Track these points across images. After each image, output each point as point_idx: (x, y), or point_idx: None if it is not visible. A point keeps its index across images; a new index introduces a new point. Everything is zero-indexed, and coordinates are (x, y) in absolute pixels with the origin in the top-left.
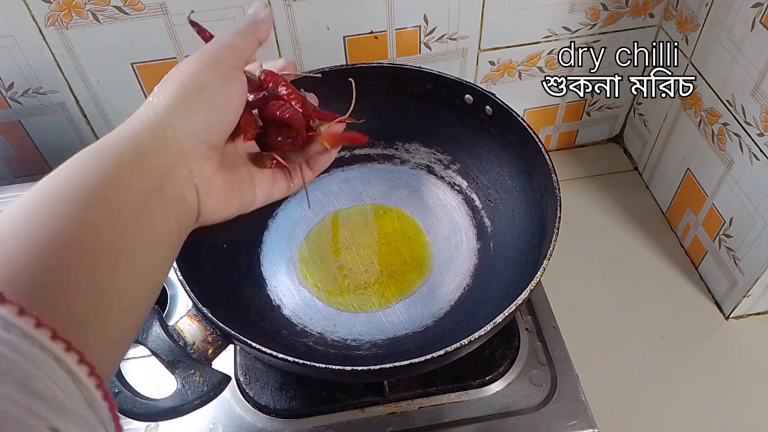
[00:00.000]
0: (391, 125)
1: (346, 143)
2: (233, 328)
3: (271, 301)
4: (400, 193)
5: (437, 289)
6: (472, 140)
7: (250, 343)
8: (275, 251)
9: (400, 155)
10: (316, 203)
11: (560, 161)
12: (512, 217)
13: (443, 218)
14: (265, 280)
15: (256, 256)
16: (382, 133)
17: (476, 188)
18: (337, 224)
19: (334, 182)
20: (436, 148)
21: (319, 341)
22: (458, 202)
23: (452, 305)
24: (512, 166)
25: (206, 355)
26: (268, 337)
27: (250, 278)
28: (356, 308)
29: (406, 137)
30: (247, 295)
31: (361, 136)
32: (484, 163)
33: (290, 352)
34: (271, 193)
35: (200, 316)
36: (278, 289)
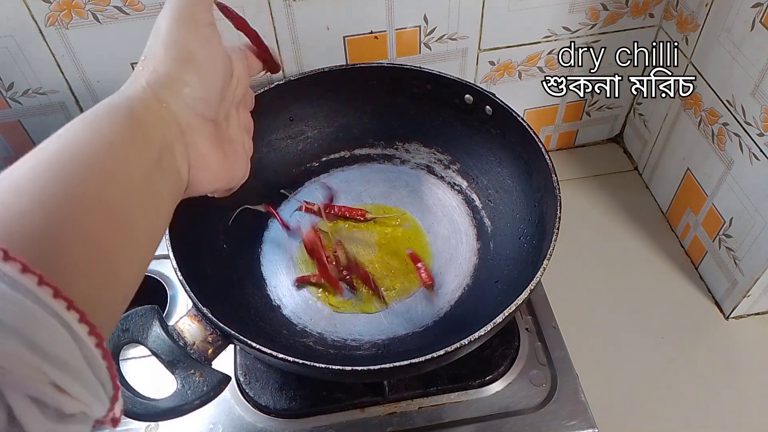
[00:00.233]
0: (391, 125)
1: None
2: (233, 328)
3: (271, 301)
4: (400, 193)
5: (437, 289)
6: (472, 140)
7: (250, 343)
8: (275, 251)
9: (400, 155)
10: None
11: (560, 161)
12: (512, 217)
13: (443, 218)
14: (265, 280)
15: (256, 256)
16: (382, 133)
17: (476, 188)
18: (337, 224)
19: (333, 182)
20: (436, 148)
21: (319, 341)
22: (458, 202)
23: (452, 305)
24: (512, 166)
25: (206, 355)
26: (268, 337)
27: (250, 278)
28: (356, 308)
29: (406, 137)
30: (247, 295)
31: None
32: (484, 163)
33: (290, 352)
34: None
35: (200, 316)
36: (278, 289)
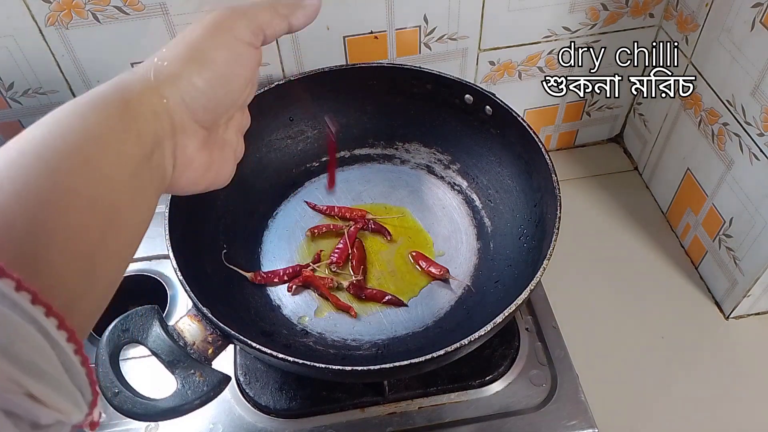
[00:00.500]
0: (391, 125)
1: None
2: (233, 328)
3: (271, 301)
4: (400, 193)
5: (437, 289)
6: (472, 140)
7: (249, 343)
8: (275, 251)
9: (400, 155)
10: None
11: (560, 161)
12: (512, 217)
13: (443, 218)
14: None
15: (256, 256)
16: (382, 133)
17: (476, 188)
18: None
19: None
20: (436, 148)
21: (319, 341)
22: (458, 202)
23: (452, 305)
24: (512, 166)
25: (206, 355)
26: (267, 337)
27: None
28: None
29: (406, 137)
30: (247, 295)
31: None
32: (484, 163)
33: (290, 352)
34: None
35: (200, 316)
36: (278, 289)
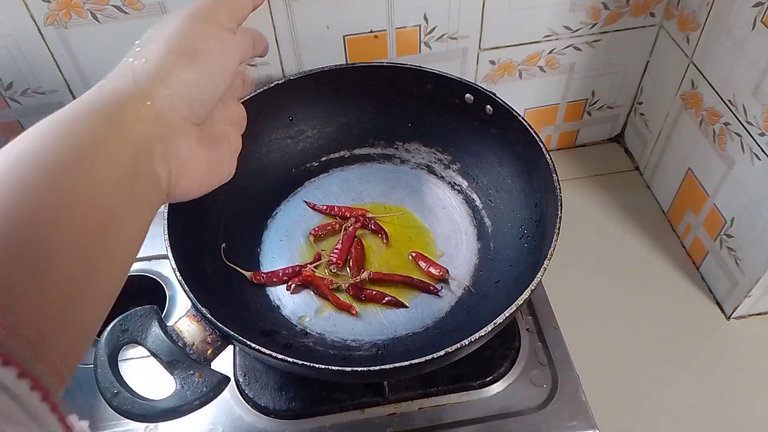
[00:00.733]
0: (391, 125)
1: None
2: (232, 328)
3: (270, 301)
4: (400, 193)
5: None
6: (472, 140)
7: (249, 343)
8: (275, 251)
9: (400, 155)
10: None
11: (561, 161)
12: (513, 217)
13: (443, 218)
14: None
15: (255, 256)
16: (382, 132)
17: (476, 188)
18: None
19: (333, 182)
20: (436, 147)
21: (318, 342)
22: (458, 202)
23: (452, 305)
24: (513, 165)
25: (205, 355)
26: (267, 337)
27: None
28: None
29: (406, 137)
30: (246, 295)
31: None
32: (484, 162)
33: (290, 352)
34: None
35: (199, 316)
36: (278, 289)
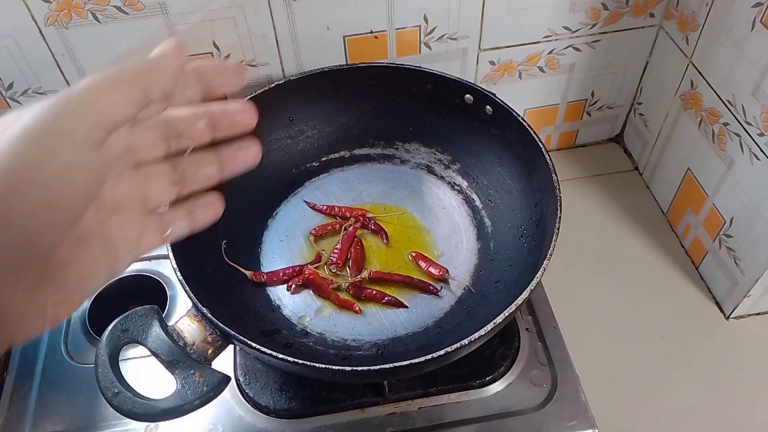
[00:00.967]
0: (391, 125)
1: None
2: (233, 328)
3: (271, 301)
4: (400, 193)
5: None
6: (472, 140)
7: (249, 343)
8: (275, 251)
9: (400, 155)
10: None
11: (560, 161)
12: (512, 217)
13: (443, 218)
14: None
15: (256, 256)
16: (382, 132)
17: (476, 188)
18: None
19: (333, 182)
20: (436, 148)
21: (319, 341)
22: (458, 202)
23: (452, 305)
24: (512, 166)
25: (206, 355)
26: (267, 337)
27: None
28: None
29: (406, 137)
30: (246, 295)
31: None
32: (484, 163)
33: (290, 352)
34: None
35: (200, 316)
36: (278, 289)
